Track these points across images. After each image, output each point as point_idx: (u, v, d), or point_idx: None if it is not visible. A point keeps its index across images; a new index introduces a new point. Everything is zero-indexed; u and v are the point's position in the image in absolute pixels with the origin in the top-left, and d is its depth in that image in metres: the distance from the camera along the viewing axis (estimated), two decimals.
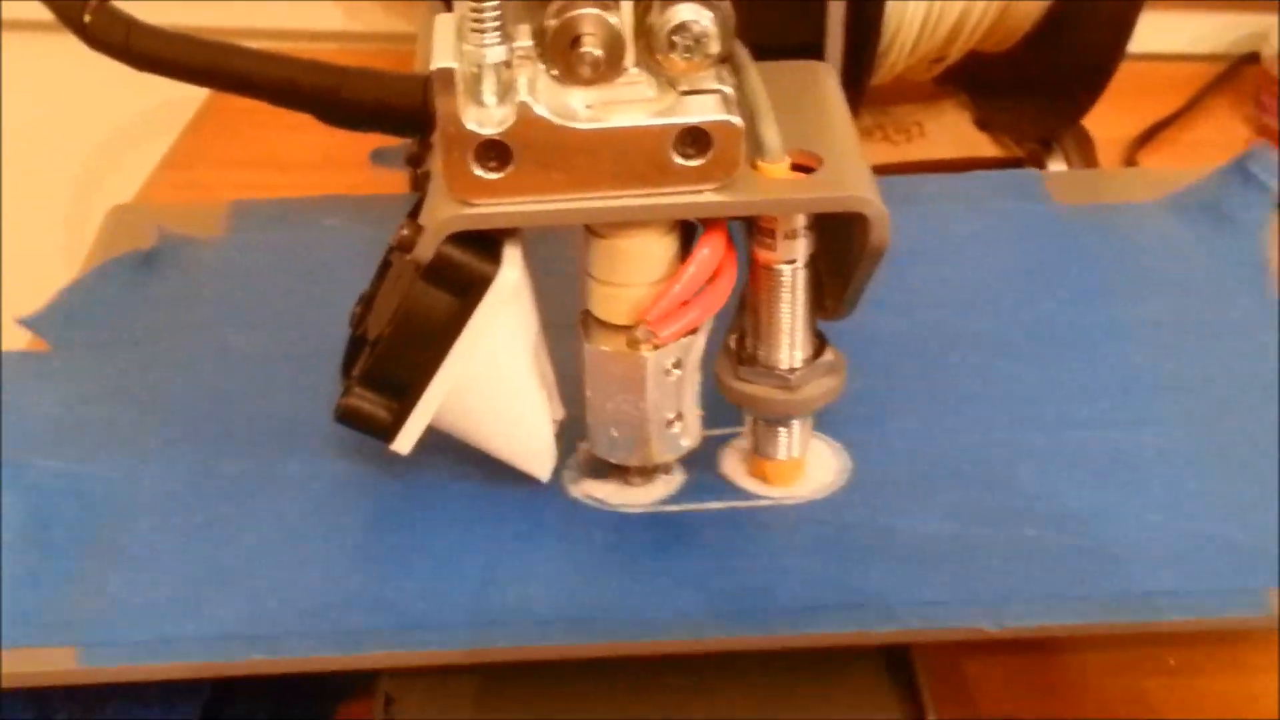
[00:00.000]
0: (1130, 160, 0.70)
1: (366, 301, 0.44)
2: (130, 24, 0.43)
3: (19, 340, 0.57)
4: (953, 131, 0.71)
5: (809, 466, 0.46)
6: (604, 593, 0.42)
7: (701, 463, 0.45)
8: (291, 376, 0.49)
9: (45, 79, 0.82)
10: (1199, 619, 0.41)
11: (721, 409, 0.44)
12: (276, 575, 0.42)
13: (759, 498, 0.45)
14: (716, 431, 0.45)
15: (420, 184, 0.42)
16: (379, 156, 0.68)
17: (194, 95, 0.76)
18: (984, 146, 0.70)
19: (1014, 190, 0.59)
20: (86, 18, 0.43)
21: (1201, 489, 0.44)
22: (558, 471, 0.45)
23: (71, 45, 0.45)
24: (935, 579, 0.42)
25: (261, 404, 0.48)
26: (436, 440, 0.42)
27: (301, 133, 0.60)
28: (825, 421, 0.47)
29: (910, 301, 0.52)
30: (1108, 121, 0.67)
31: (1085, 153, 0.67)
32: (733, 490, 0.45)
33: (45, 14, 0.44)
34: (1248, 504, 0.44)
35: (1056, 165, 0.67)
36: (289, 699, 0.46)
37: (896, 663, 0.42)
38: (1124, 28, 0.61)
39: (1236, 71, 0.78)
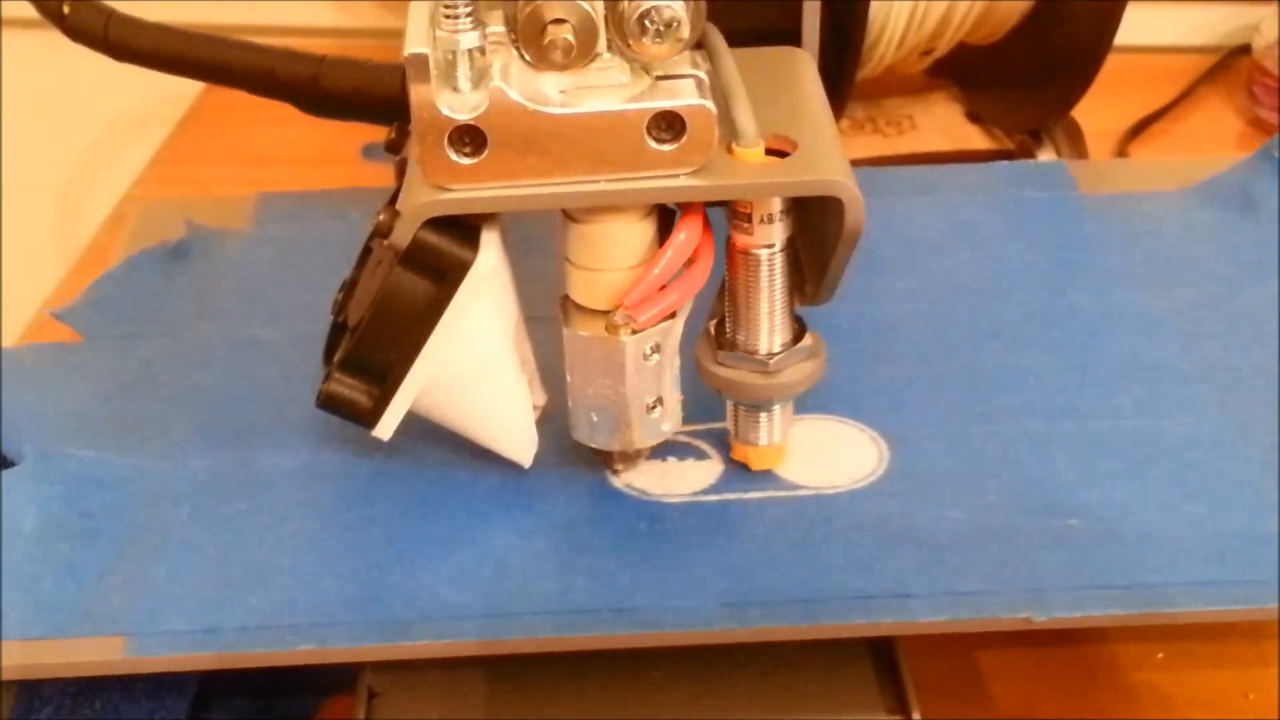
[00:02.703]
0: (1122, 152, 0.70)
1: (348, 288, 0.45)
2: (109, 15, 0.43)
3: (13, 334, 0.58)
4: (944, 124, 0.71)
5: (846, 457, 0.46)
6: (639, 582, 0.42)
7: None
8: (318, 368, 0.50)
9: (37, 76, 0.82)
10: (1230, 610, 0.40)
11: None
12: (315, 565, 0.42)
13: (799, 487, 0.45)
14: None
15: (399, 171, 0.42)
16: (370, 152, 0.69)
17: (186, 92, 0.76)
18: (975, 138, 0.70)
19: (1040, 180, 0.59)
20: (66, 9, 0.43)
21: (1233, 478, 0.44)
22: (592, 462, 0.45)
23: (62, 42, 0.45)
24: (972, 569, 0.41)
25: (292, 394, 0.49)
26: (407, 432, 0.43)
27: (293, 128, 0.60)
28: (860, 410, 0.47)
29: (937, 291, 0.52)
30: (1099, 113, 0.67)
31: (1076, 144, 0.67)
32: (772, 480, 0.45)
33: (34, 11, 0.45)
34: (1276, 495, 0.44)
35: (1047, 156, 0.67)
36: (275, 694, 0.46)
37: (881, 656, 0.42)
38: (1111, 18, 0.61)
39: (1228, 63, 0.77)
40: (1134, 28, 0.63)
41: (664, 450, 0.46)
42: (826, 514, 0.44)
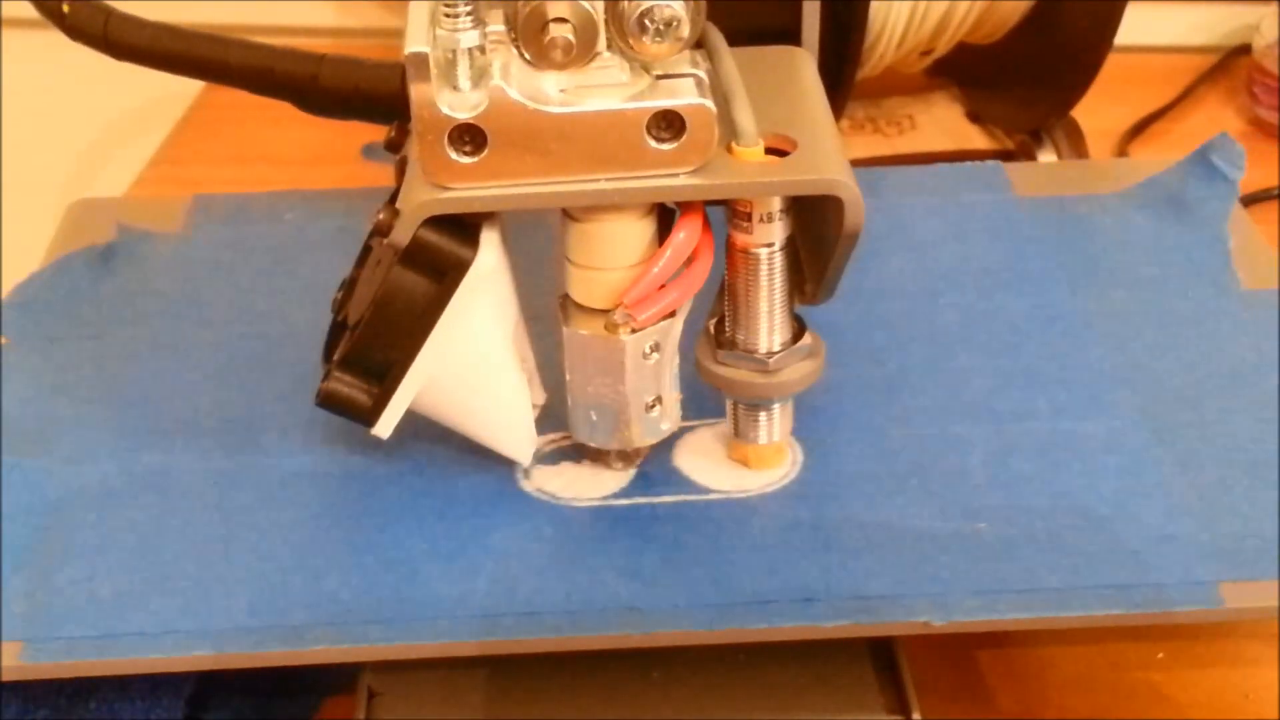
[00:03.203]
0: (1122, 152, 0.71)
1: (347, 286, 0.45)
2: (109, 14, 0.43)
3: None
4: (944, 124, 0.71)
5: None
6: (549, 586, 0.42)
7: (656, 456, 0.46)
8: (249, 371, 0.50)
9: (36, 76, 0.82)
10: (1147, 613, 0.40)
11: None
12: (225, 571, 0.42)
13: (710, 491, 0.45)
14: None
15: (399, 170, 0.42)
16: (370, 151, 0.69)
17: (185, 92, 0.76)
18: (975, 138, 0.70)
19: (975, 182, 0.59)
20: (65, 8, 0.43)
21: (1146, 482, 0.44)
22: (514, 466, 0.45)
23: (62, 42, 0.45)
24: (880, 573, 0.41)
25: (219, 398, 0.49)
26: (395, 432, 0.43)
27: (293, 128, 0.60)
28: None
29: (868, 293, 0.52)
30: (1099, 113, 0.67)
31: (1076, 144, 0.67)
32: (685, 484, 0.45)
33: (34, 11, 0.45)
34: (1203, 496, 0.44)
35: (1047, 156, 0.67)
36: (274, 694, 0.46)
37: (881, 656, 0.42)
38: (1111, 18, 0.61)
39: (1228, 63, 0.78)
40: (1134, 28, 0.63)
41: (576, 454, 0.46)
42: (736, 517, 0.44)
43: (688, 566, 0.42)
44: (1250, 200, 0.63)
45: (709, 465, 0.46)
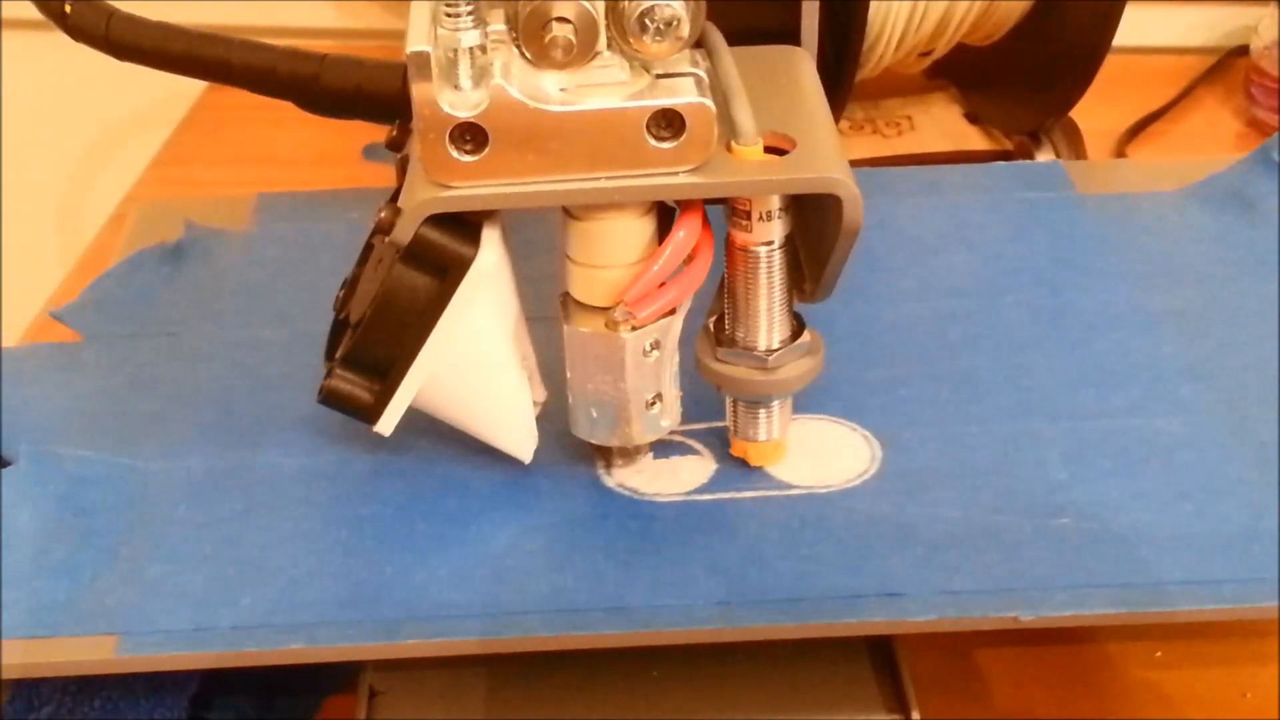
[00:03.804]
0: (1120, 153, 0.71)
1: (349, 285, 0.45)
2: (111, 14, 0.43)
3: (14, 334, 0.58)
4: (942, 124, 0.71)
5: (838, 456, 0.46)
6: (632, 581, 0.42)
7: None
8: (318, 367, 0.50)
9: (39, 77, 0.82)
10: (1226, 609, 0.40)
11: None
12: (310, 564, 0.42)
13: (791, 487, 0.45)
14: None
15: (401, 169, 0.42)
16: (371, 152, 0.69)
17: (187, 92, 0.77)
18: (973, 139, 0.70)
19: (1037, 180, 0.59)
20: (67, 8, 0.43)
21: (1227, 478, 0.44)
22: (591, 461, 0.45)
23: (63, 42, 0.45)
24: (964, 568, 0.41)
25: (290, 394, 0.49)
26: (404, 431, 0.43)
27: (295, 129, 0.61)
28: (853, 410, 0.47)
29: (935, 291, 0.53)
30: (1098, 114, 0.67)
31: (1074, 145, 0.67)
32: (765, 479, 0.45)
33: (35, 11, 0.45)
34: (1273, 493, 0.44)
35: (1045, 157, 0.67)
36: (276, 693, 0.46)
37: (881, 655, 0.42)
38: (1110, 19, 0.62)
39: (1226, 64, 0.78)
40: (1132, 28, 0.63)
41: (658, 449, 0.46)
42: (819, 513, 0.44)
43: (772, 562, 0.42)
44: None
45: (789, 460, 0.46)
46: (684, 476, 0.45)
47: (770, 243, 0.41)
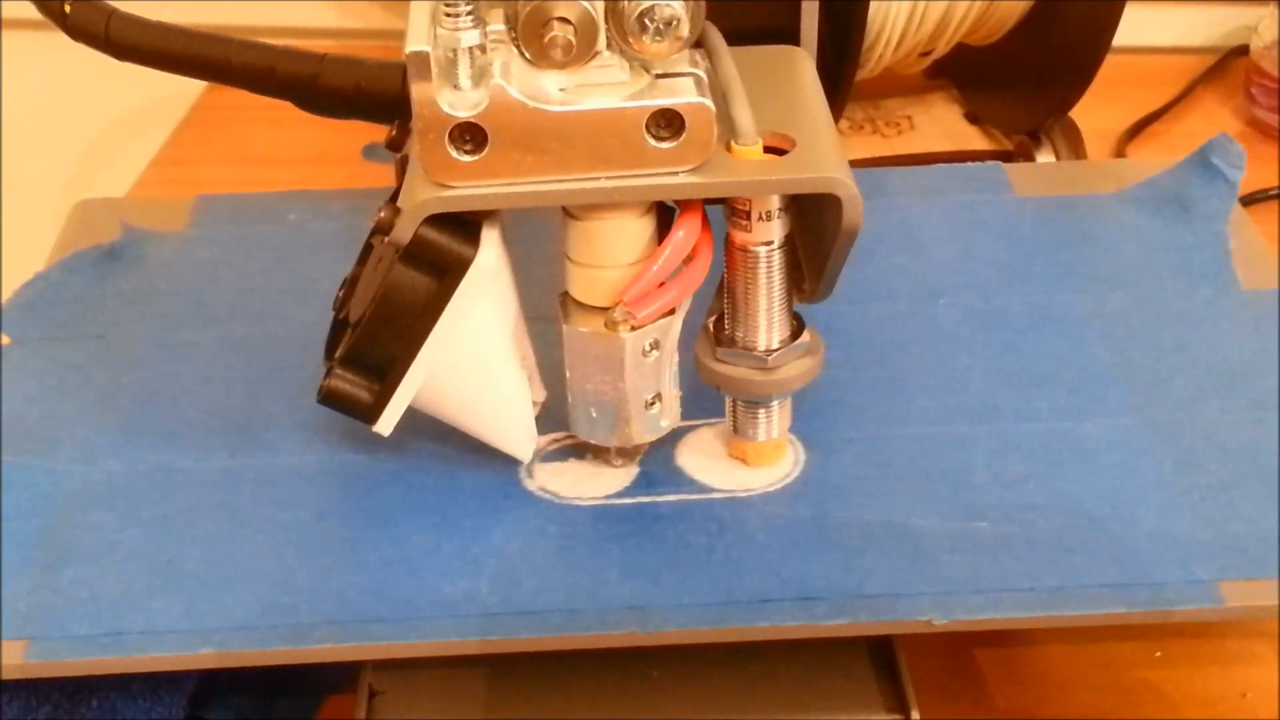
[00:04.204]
0: (1120, 152, 0.71)
1: (349, 284, 0.45)
2: (110, 13, 0.43)
3: None
4: (942, 124, 0.71)
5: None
6: (551, 584, 0.42)
7: (659, 455, 0.46)
8: (253, 370, 0.50)
9: (39, 77, 0.82)
10: (1136, 613, 0.41)
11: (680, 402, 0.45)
12: (229, 570, 0.42)
13: (712, 490, 0.45)
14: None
15: (400, 168, 0.42)
16: (371, 152, 0.69)
17: (186, 92, 0.77)
18: (973, 139, 0.70)
19: (977, 183, 0.59)
20: (67, 8, 0.43)
21: (1146, 481, 0.44)
22: (517, 465, 0.45)
23: (63, 42, 0.46)
24: (881, 572, 0.42)
25: (223, 398, 0.49)
26: (398, 431, 0.43)
27: (294, 129, 0.60)
28: None
29: (869, 293, 0.52)
30: (1098, 114, 0.67)
31: (1074, 145, 0.67)
32: (688, 483, 0.45)
33: (35, 11, 0.45)
34: (1202, 495, 0.44)
35: (1045, 157, 0.67)
36: (275, 693, 0.46)
37: (880, 655, 0.42)
38: (1110, 19, 0.62)
39: (1226, 64, 0.78)
40: (1132, 28, 0.63)
41: (579, 452, 0.46)
42: (738, 517, 0.44)
43: (690, 565, 0.42)
44: (1249, 200, 0.64)
45: (711, 464, 0.46)
46: (605, 480, 0.45)
47: (770, 242, 0.41)
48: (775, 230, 0.41)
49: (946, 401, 0.48)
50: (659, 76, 0.38)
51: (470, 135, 0.38)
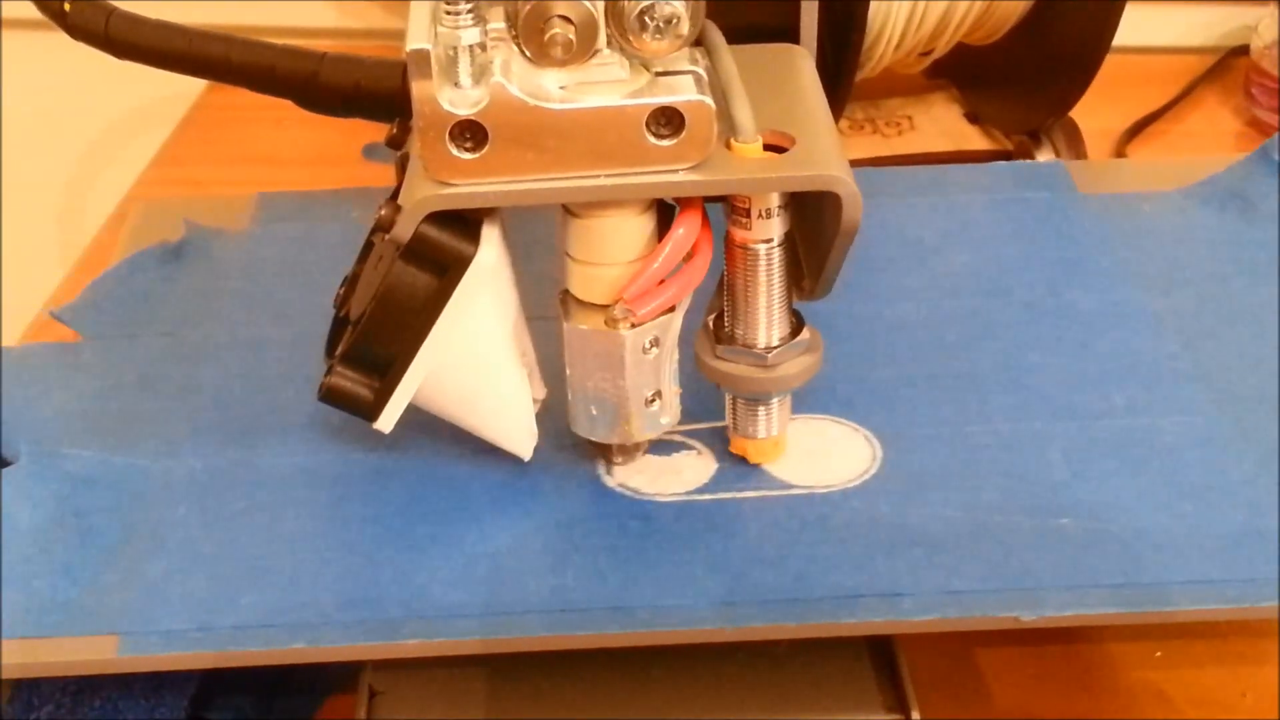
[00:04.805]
0: (1120, 152, 0.71)
1: (349, 282, 0.45)
2: (110, 12, 0.44)
3: (14, 334, 0.58)
4: (943, 124, 0.71)
5: (839, 456, 0.46)
6: (633, 580, 0.42)
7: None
8: (319, 366, 0.50)
9: (39, 77, 0.82)
10: (1226, 609, 0.40)
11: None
12: (311, 564, 0.42)
13: (792, 486, 0.45)
14: None
15: (401, 166, 0.42)
16: (371, 152, 0.69)
17: (187, 92, 0.77)
18: (974, 139, 0.70)
19: (1039, 180, 0.59)
20: (67, 7, 0.43)
21: (1228, 477, 0.44)
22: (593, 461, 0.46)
23: (62, 42, 0.46)
24: (965, 568, 0.41)
25: (290, 394, 0.49)
26: (399, 430, 0.43)
27: (294, 129, 0.61)
28: (854, 410, 0.47)
29: (936, 291, 0.53)
30: (1098, 114, 0.67)
31: (1074, 145, 0.67)
32: (766, 479, 0.45)
33: (35, 11, 0.45)
34: (1274, 493, 0.44)
35: (1045, 157, 0.67)
36: (276, 693, 0.46)
37: (881, 655, 0.42)
38: (1110, 18, 0.62)
39: (1226, 64, 0.78)
40: (1132, 28, 0.63)
41: (658, 448, 0.46)
42: (819, 513, 0.44)
43: (773, 562, 0.42)
44: None
45: (789, 461, 0.46)
46: (685, 476, 0.45)
47: (769, 240, 0.41)
48: (775, 228, 0.41)
49: (1021, 398, 0.48)
50: (659, 74, 0.38)
51: (470, 133, 0.38)
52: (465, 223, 0.40)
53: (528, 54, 0.38)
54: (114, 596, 0.42)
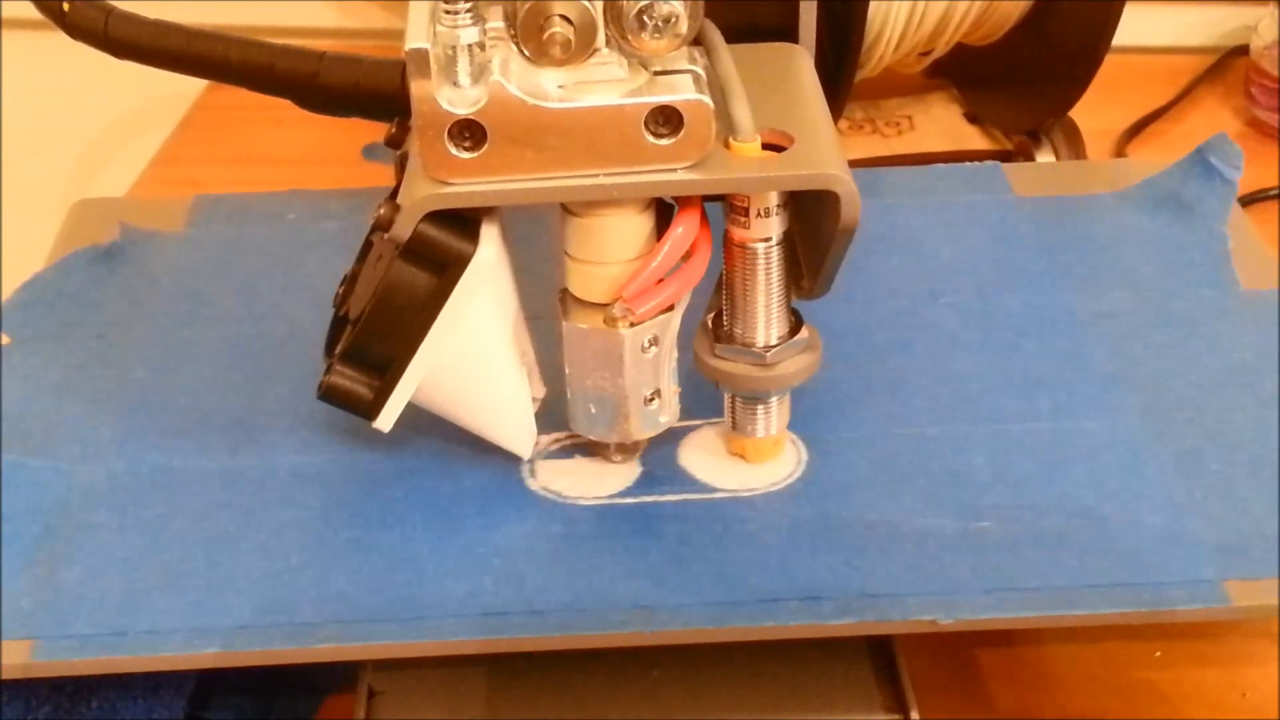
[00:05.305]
0: (1120, 152, 0.71)
1: (349, 281, 0.45)
2: (109, 12, 0.44)
3: None
4: (942, 124, 0.71)
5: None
6: (554, 584, 0.42)
7: (661, 454, 0.46)
8: (251, 370, 0.50)
9: (37, 77, 0.82)
10: (1152, 610, 0.41)
11: (683, 400, 0.45)
12: (228, 568, 0.42)
13: (715, 490, 0.45)
14: (677, 423, 0.45)
15: (400, 166, 0.42)
16: (371, 152, 0.69)
17: (186, 92, 0.77)
18: (973, 139, 0.70)
19: (976, 183, 0.59)
20: (66, 6, 0.43)
21: (1150, 481, 0.44)
22: (518, 464, 0.46)
23: (62, 42, 0.46)
24: (884, 571, 0.42)
25: (221, 397, 0.49)
26: (397, 432, 0.43)
27: (293, 129, 0.61)
28: None
29: (869, 293, 0.52)
30: (1098, 114, 0.67)
31: (1074, 145, 0.67)
32: (690, 482, 0.45)
33: (34, 11, 0.45)
34: (1205, 495, 0.44)
35: (1045, 157, 0.67)
36: (275, 693, 0.46)
37: (880, 655, 0.42)
38: (1109, 19, 0.62)
39: (1226, 64, 0.78)
40: (1132, 28, 0.63)
41: (586, 450, 0.46)
42: (741, 516, 0.44)
43: (693, 565, 0.42)
44: (1248, 200, 0.64)
45: (714, 463, 0.46)
46: (608, 480, 0.45)
47: (768, 239, 0.41)
48: (774, 227, 0.41)
49: (947, 401, 0.48)
50: (658, 74, 0.38)
51: (469, 132, 0.38)
52: (464, 222, 0.40)
53: (526, 53, 0.38)
54: (29, 600, 0.41)
